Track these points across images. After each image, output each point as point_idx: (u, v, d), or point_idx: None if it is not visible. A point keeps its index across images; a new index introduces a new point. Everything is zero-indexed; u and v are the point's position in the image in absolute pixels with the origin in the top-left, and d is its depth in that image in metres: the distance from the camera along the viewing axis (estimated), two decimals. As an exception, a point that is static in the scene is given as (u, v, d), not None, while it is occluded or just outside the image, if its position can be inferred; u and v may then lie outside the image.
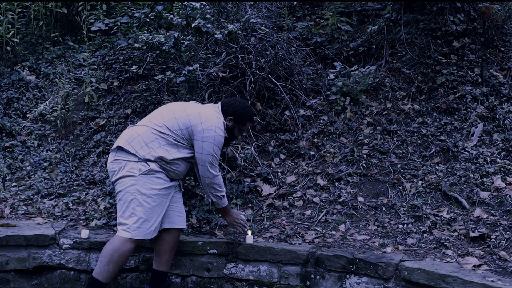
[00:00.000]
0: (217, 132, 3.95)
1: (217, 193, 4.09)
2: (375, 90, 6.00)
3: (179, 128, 3.97)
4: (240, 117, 4.15)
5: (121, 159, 3.94)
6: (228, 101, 4.23)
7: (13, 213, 4.82)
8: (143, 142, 3.94)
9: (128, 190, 3.88)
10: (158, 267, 4.15)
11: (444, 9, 6.15)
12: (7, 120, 5.86)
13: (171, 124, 3.99)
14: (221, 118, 4.07)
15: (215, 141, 3.94)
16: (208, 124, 3.94)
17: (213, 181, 4.02)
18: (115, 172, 3.96)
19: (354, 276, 4.08)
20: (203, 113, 4.01)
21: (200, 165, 3.98)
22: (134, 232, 3.86)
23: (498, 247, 4.18)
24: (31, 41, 6.93)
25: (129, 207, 3.88)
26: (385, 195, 4.92)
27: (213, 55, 5.54)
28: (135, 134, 3.98)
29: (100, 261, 3.87)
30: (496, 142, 5.25)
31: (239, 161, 4.98)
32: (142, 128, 4.02)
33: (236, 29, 5.22)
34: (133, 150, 3.92)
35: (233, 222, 4.28)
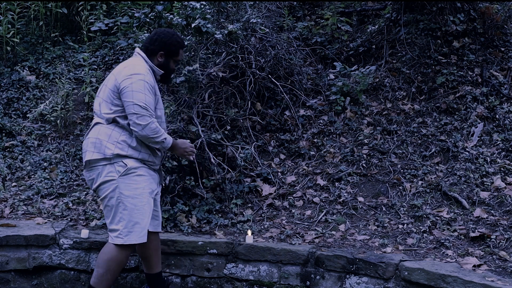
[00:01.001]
0: (134, 78, 3.67)
1: (157, 140, 3.73)
2: (375, 90, 6.00)
3: (117, 98, 3.74)
4: (170, 48, 3.88)
5: (97, 165, 3.74)
6: (149, 39, 3.91)
7: (13, 213, 4.83)
8: (105, 141, 3.72)
9: (112, 195, 3.71)
10: (150, 270, 4.07)
11: (444, 9, 6.15)
12: (7, 120, 5.86)
13: (109, 99, 3.76)
14: (141, 64, 3.80)
15: (133, 87, 3.66)
16: (124, 76, 3.70)
17: (145, 132, 3.67)
18: (94, 179, 3.78)
19: (354, 276, 4.08)
20: (126, 65, 3.81)
21: (130, 121, 3.69)
22: (126, 237, 3.71)
23: (498, 247, 4.18)
24: (31, 41, 6.93)
25: (116, 213, 3.72)
26: (385, 195, 4.92)
27: (213, 55, 5.54)
28: (93, 139, 3.76)
29: (97, 271, 3.75)
30: (496, 142, 5.25)
31: (239, 161, 4.98)
32: (94, 129, 3.80)
33: (236, 29, 5.22)
34: (101, 155, 3.72)
35: (184, 154, 3.96)
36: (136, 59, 3.87)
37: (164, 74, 3.93)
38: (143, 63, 3.83)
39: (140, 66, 3.78)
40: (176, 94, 5.41)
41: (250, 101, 5.45)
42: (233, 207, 4.82)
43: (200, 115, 5.17)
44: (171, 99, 5.48)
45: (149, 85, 3.73)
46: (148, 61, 3.86)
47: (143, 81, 3.70)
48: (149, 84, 3.73)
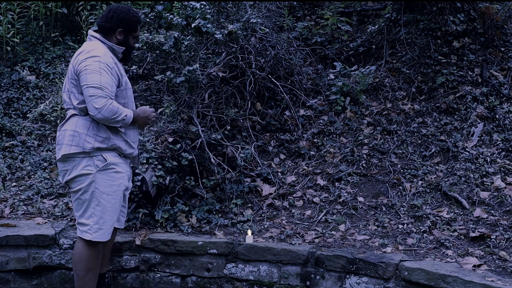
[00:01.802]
0: (88, 61, 3.50)
1: (118, 119, 3.55)
2: (375, 90, 6.00)
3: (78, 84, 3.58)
4: (128, 24, 3.70)
5: (73, 158, 3.59)
6: (104, 17, 3.71)
7: (13, 213, 4.83)
8: (84, 134, 3.58)
9: (86, 189, 3.59)
10: (103, 269, 3.94)
11: (444, 9, 6.15)
12: (7, 120, 5.86)
13: (75, 89, 3.62)
14: (97, 46, 3.63)
15: (87, 70, 3.49)
16: (79, 61, 3.55)
17: (103, 115, 3.49)
18: (68, 171, 3.62)
19: (354, 276, 4.08)
20: (81, 50, 3.63)
21: (87, 106, 3.52)
22: (95, 234, 3.61)
23: (498, 247, 4.18)
24: (31, 41, 6.94)
25: (89, 207, 3.61)
26: (385, 195, 4.92)
27: (213, 55, 5.54)
28: (70, 132, 3.60)
29: (77, 275, 3.68)
30: (496, 142, 5.25)
31: (239, 161, 4.98)
32: (71, 121, 3.63)
33: (236, 29, 5.22)
34: (80, 148, 3.57)
35: (147, 122, 3.80)
36: (91, 43, 3.68)
37: (125, 51, 3.75)
38: (100, 44, 3.66)
39: (96, 49, 3.60)
40: (176, 94, 5.42)
41: (250, 101, 5.45)
42: (233, 207, 4.82)
43: (200, 115, 5.17)
44: (171, 99, 5.48)
45: (106, 65, 3.54)
46: (105, 41, 3.68)
47: (99, 62, 3.52)
48: (107, 65, 3.55)
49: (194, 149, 4.83)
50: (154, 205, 4.59)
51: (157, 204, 4.60)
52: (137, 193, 4.50)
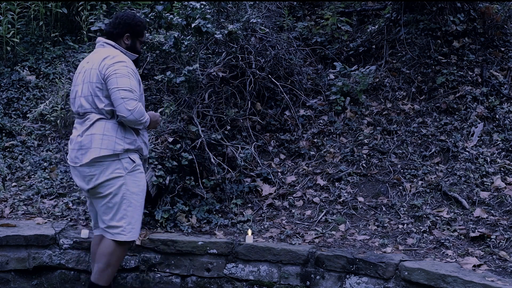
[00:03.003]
0: (117, 66, 3.63)
1: (143, 121, 3.70)
2: (375, 90, 6.00)
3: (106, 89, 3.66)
4: (135, 29, 3.83)
5: (102, 162, 3.65)
6: (112, 24, 3.83)
7: (13, 213, 4.83)
8: (113, 136, 3.66)
9: (117, 192, 3.66)
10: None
11: (444, 9, 6.15)
12: (7, 120, 5.86)
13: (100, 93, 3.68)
14: (118, 52, 3.76)
15: (117, 74, 3.61)
16: (108, 66, 3.65)
17: (134, 116, 3.62)
18: (95, 176, 3.66)
19: (354, 276, 4.08)
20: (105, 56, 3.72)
21: (117, 108, 3.62)
22: (129, 234, 3.71)
23: (498, 247, 4.18)
24: (31, 41, 6.93)
25: (120, 209, 3.69)
26: (385, 195, 4.92)
27: (213, 55, 5.54)
28: (99, 136, 3.66)
29: (97, 266, 3.72)
30: (496, 142, 5.25)
31: (239, 161, 4.98)
32: (98, 125, 3.67)
33: (236, 29, 5.22)
34: (111, 151, 3.64)
35: (155, 126, 3.96)
36: (110, 50, 3.78)
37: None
38: (118, 51, 3.78)
39: (119, 55, 3.73)
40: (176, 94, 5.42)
41: (250, 101, 5.45)
42: (233, 207, 4.82)
43: (200, 115, 5.17)
44: (171, 99, 5.48)
45: (132, 70, 3.70)
46: (119, 48, 3.80)
47: (126, 67, 3.66)
48: (133, 69, 3.71)
49: (194, 149, 4.83)
50: (154, 205, 4.59)
51: (157, 204, 4.60)
52: (137, 193, 4.49)
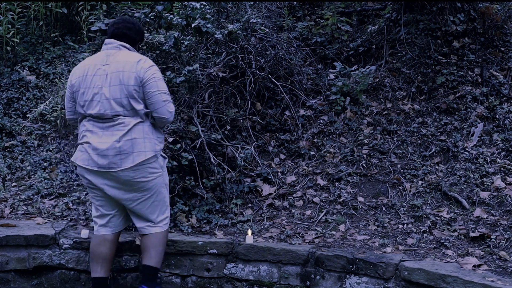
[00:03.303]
0: (153, 69, 3.81)
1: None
2: (375, 90, 6.00)
3: (142, 92, 3.75)
4: (143, 36, 4.07)
5: (146, 164, 3.77)
6: (133, 30, 3.93)
7: (13, 213, 4.83)
8: (153, 138, 3.81)
9: (159, 190, 3.91)
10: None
11: (444, 9, 6.15)
12: (7, 120, 5.86)
13: (136, 95, 3.74)
14: (143, 57, 3.88)
15: (156, 78, 3.79)
16: (145, 69, 3.75)
17: (172, 118, 3.88)
18: (140, 179, 3.79)
19: (354, 276, 4.08)
20: (137, 59, 3.80)
21: (159, 110, 3.78)
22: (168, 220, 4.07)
23: (498, 247, 4.18)
24: (31, 41, 6.93)
25: (164, 203, 3.98)
26: (385, 195, 4.92)
27: (213, 55, 5.54)
28: (141, 139, 3.75)
29: (156, 250, 3.91)
30: (496, 142, 5.25)
31: (239, 161, 4.98)
32: (138, 129, 3.75)
33: (236, 29, 5.22)
34: (153, 152, 3.79)
35: None
36: (135, 54, 3.88)
37: None
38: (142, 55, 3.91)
39: (147, 59, 3.87)
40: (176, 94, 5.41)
41: (250, 101, 5.45)
42: (233, 207, 4.82)
43: (200, 115, 5.17)
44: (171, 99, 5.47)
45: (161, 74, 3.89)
46: (137, 53, 3.94)
47: (158, 71, 3.85)
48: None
49: (194, 149, 4.83)
50: (154, 205, 4.58)
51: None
52: (137, 193, 4.50)
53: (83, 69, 3.83)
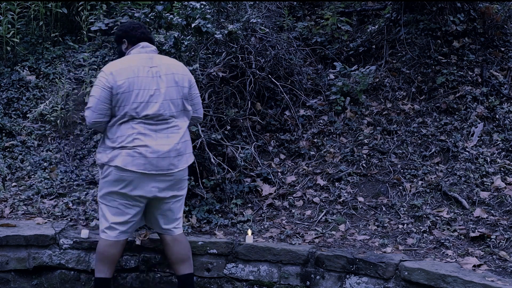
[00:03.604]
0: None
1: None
2: (375, 90, 6.00)
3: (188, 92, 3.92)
4: None
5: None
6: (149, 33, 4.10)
7: (13, 213, 4.82)
8: (190, 139, 4.00)
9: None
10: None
11: (444, 9, 6.15)
12: (7, 120, 5.86)
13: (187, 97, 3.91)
14: None
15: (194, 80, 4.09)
16: (188, 72, 4.00)
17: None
18: (185, 179, 3.97)
19: (354, 276, 4.08)
20: (182, 67, 4.00)
21: (199, 111, 4.05)
22: None
23: (498, 247, 4.18)
24: (31, 41, 6.93)
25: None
26: (385, 195, 4.92)
27: (213, 55, 5.54)
28: (189, 141, 3.96)
29: (189, 258, 4.01)
30: (496, 142, 5.25)
31: (239, 161, 4.98)
32: (187, 131, 3.93)
33: (236, 29, 5.22)
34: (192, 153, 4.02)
35: None
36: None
37: None
38: None
39: None
40: (176, 94, 5.41)
41: (250, 101, 5.45)
42: (233, 207, 4.82)
43: (200, 115, 5.16)
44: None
45: None
46: None
47: None
48: None
49: (194, 149, 4.82)
50: (154, 205, 4.58)
51: (157, 204, 4.60)
52: (137, 193, 4.49)
53: (130, 70, 3.75)
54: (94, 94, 3.78)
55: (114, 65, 3.82)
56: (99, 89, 3.75)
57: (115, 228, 3.86)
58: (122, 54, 4.01)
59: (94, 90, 3.79)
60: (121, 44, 4.02)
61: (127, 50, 3.96)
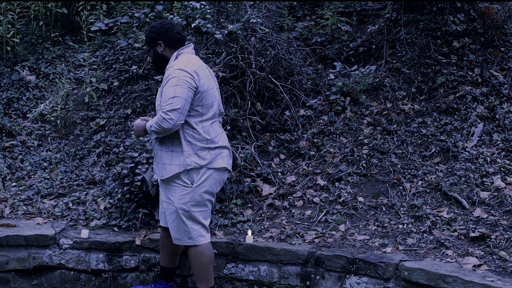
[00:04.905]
0: None
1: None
2: (375, 90, 6.00)
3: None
4: None
5: None
6: None
7: (13, 213, 4.83)
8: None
9: None
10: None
11: (444, 9, 6.15)
12: (7, 120, 5.86)
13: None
14: None
15: None
16: None
17: None
18: None
19: (354, 276, 4.08)
20: None
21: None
22: None
23: (498, 247, 4.18)
24: (31, 41, 6.94)
25: None
26: (385, 195, 4.92)
27: (213, 55, 5.54)
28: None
29: None
30: (496, 142, 5.25)
31: (239, 161, 4.98)
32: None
33: (236, 29, 5.23)
34: None
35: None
36: None
37: None
38: None
39: None
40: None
41: (250, 101, 5.45)
42: (233, 207, 4.82)
43: (200, 115, 5.16)
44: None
45: None
46: None
47: None
48: None
49: (194, 149, 4.82)
50: (154, 205, 4.59)
51: (157, 204, 4.60)
52: (137, 193, 4.50)
53: (202, 69, 3.78)
54: (179, 94, 3.60)
55: (192, 64, 3.72)
56: (185, 89, 3.61)
57: (207, 230, 3.89)
58: (160, 57, 3.86)
59: (179, 90, 3.60)
60: (155, 46, 3.85)
61: (165, 52, 3.84)
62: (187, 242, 3.81)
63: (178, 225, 3.79)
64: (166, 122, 3.58)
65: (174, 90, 3.59)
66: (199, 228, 3.80)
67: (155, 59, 3.91)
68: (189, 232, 3.78)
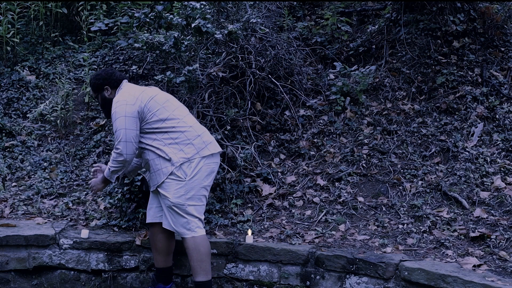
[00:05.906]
0: None
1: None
2: (375, 90, 6.00)
3: None
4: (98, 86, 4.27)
5: None
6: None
7: (13, 213, 4.83)
8: None
9: None
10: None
11: (444, 9, 6.15)
12: (7, 120, 5.86)
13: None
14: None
15: None
16: None
17: None
18: None
19: (354, 276, 4.08)
20: None
21: None
22: None
23: (498, 247, 4.18)
24: (31, 41, 6.93)
25: None
26: (385, 195, 4.92)
27: (213, 55, 5.54)
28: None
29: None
30: (496, 142, 5.25)
31: (239, 161, 4.98)
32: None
33: (236, 29, 5.22)
34: None
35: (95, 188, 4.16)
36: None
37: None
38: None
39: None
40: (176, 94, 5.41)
41: (250, 101, 5.45)
42: (233, 207, 4.82)
43: (200, 115, 5.17)
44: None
45: None
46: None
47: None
48: None
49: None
50: (154, 205, 4.58)
51: (157, 204, 4.60)
52: (137, 193, 4.50)
53: (146, 92, 4.11)
54: (118, 127, 3.93)
55: (127, 91, 4.03)
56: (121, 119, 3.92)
57: (202, 222, 4.01)
58: (108, 101, 4.08)
59: (117, 123, 3.91)
60: (102, 91, 4.13)
61: (111, 95, 4.09)
62: (186, 234, 3.92)
63: (176, 218, 3.93)
64: (118, 156, 3.86)
65: (115, 125, 3.90)
66: (196, 221, 3.95)
67: (103, 104, 4.15)
68: (188, 223, 3.91)
